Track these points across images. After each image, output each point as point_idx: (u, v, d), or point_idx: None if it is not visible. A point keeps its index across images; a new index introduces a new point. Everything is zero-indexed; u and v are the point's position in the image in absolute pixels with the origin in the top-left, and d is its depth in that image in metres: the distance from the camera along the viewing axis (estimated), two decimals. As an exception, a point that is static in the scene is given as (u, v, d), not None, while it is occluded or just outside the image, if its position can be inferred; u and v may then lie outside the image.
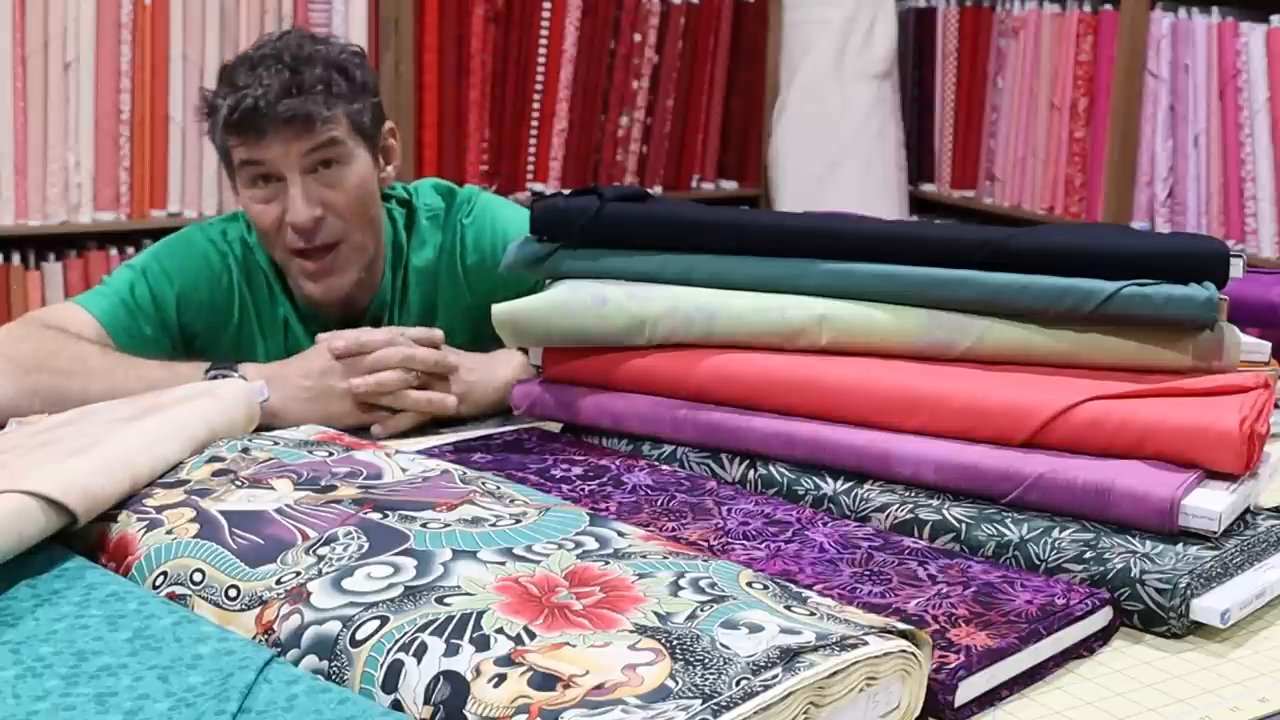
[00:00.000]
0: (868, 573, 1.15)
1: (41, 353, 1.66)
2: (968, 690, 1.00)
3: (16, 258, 3.28)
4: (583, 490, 1.33)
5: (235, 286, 1.89)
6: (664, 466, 1.40)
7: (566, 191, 1.57)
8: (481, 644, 0.91)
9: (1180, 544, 1.17)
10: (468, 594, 0.97)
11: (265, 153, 1.79)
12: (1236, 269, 1.31)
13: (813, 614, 0.96)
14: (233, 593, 1.02)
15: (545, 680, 0.87)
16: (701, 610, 0.95)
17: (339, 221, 1.82)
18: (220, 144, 1.86)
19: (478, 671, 0.89)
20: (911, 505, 1.27)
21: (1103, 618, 1.12)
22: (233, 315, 1.88)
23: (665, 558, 1.04)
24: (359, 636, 0.94)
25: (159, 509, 1.13)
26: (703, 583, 0.99)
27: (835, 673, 0.89)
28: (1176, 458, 1.22)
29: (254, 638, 0.98)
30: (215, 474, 1.19)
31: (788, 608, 0.97)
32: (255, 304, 1.90)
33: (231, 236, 1.91)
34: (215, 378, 1.60)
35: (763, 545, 1.20)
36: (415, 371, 1.64)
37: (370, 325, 1.92)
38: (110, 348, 1.73)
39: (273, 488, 1.16)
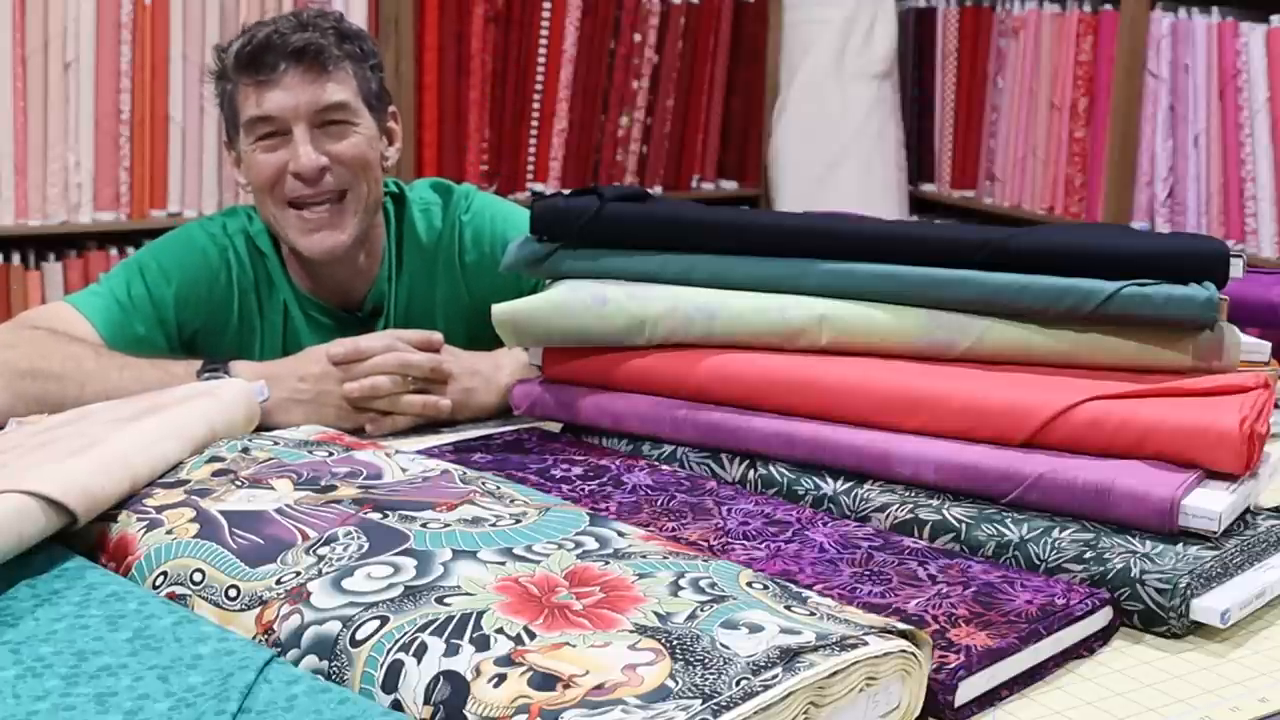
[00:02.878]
0: (868, 573, 1.15)
1: (34, 356, 1.66)
2: (968, 690, 1.00)
3: (16, 258, 3.28)
4: (583, 490, 1.33)
5: (234, 283, 1.88)
6: (664, 466, 1.40)
7: (566, 191, 1.57)
8: (481, 644, 0.91)
9: (1180, 544, 1.17)
10: (468, 594, 0.97)
11: (275, 101, 1.79)
12: (1236, 269, 1.31)
13: (813, 614, 0.96)
14: (233, 593, 1.02)
15: (545, 680, 0.87)
16: (701, 610, 0.95)
17: (344, 171, 1.83)
18: (229, 99, 1.85)
19: (478, 671, 0.89)
20: (911, 505, 1.27)
21: (1103, 618, 1.12)
22: (232, 312, 1.88)
23: (665, 558, 1.04)
24: (359, 636, 0.94)
25: (159, 509, 1.13)
26: (703, 583, 0.99)
27: (835, 673, 0.89)
28: (1176, 458, 1.22)
29: (254, 638, 0.98)
30: (215, 474, 1.19)
31: (788, 608, 0.97)
32: (257, 293, 1.90)
33: (232, 229, 1.90)
34: (208, 377, 1.60)
35: (763, 545, 1.20)
36: (410, 377, 1.64)
37: (369, 317, 1.93)
38: (99, 345, 1.73)
39: (273, 488, 1.16)
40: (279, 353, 1.86)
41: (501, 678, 0.88)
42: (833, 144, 3.95)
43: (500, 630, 0.92)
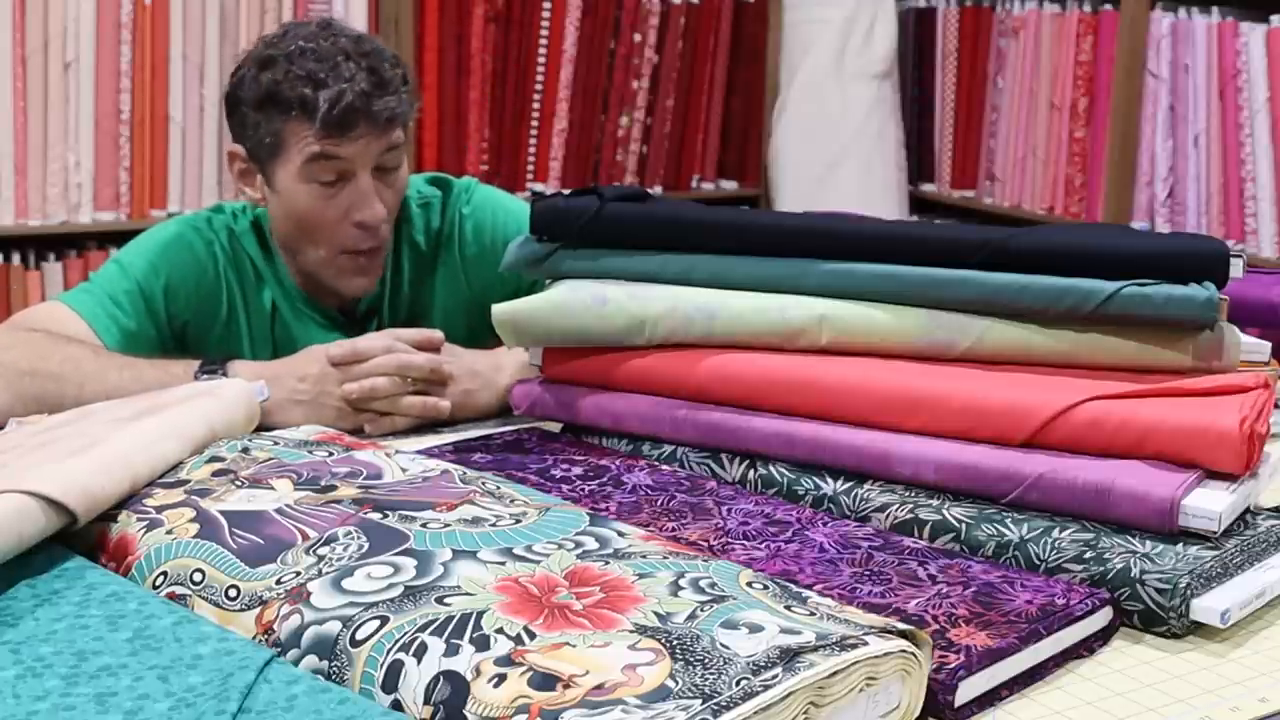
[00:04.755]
0: (868, 573, 1.15)
1: (33, 357, 1.66)
2: (968, 690, 1.00)
3: (16, 258, 3.28)
4: (583, 490, 1.33)
5: (222, 275, 1.88)
6: (664, 466, 1.40)
7: (566, 191, 1.57)
8: (481, 644, 0.91)
9: (1180, 544, 1.17)
10: (468, 594, 0.97)
11: (348, 149, 1.77)
12: (1236, 269, 1.31)
13: (813, 614, 0.96)
14: (233, 593, 1.02)
15: (545, 680, 0.87)
16: (701, 610, 0.95)
17: (387, 223, 1.84)
18: (274, 133, 1.78)
19: (478, 671, 0.89)
20: (911, 505, 1.27)
21: (1103, 618, 1.12)
22: (220, 304, 1.88)
23: (665, 558, 1.04)
24: (359, 636, 0.94)
25: (159, 509, 1.13)
26: (703, 583, 0.99)
27: (835, 673, 0.89)
28: (1176, 458, 1.22)
29: (254, 638, 0.98)
30: (215, 474, 1.19)
31: (788, 608, 0.97)
32: (243, 291, 1.90)
33: (217, 225, 1.90)
34: (206, 377, 1.59)
35: (763, 545, 1.20)
36: (410, 378, 1.64)
37: (365, 315, 1.92)
38: (98, 346, 1.73)
39: (273, 488, 1.16)
40: (267, 348, 1.87)
41: (501, 678, 0.88)
42: (833, 144, 3.95)
43: (500, 630, 0.92)
